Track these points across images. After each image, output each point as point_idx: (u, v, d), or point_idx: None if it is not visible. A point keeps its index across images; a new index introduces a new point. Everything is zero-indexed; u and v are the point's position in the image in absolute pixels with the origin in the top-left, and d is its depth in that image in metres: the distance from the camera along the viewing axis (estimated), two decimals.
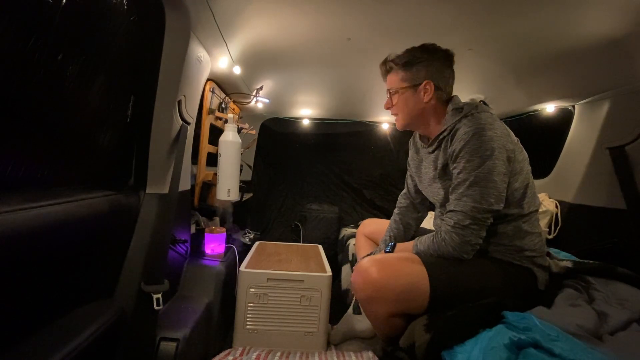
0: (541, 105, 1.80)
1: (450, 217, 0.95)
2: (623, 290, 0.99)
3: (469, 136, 0.91)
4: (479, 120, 0.93)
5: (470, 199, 0.91)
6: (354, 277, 1.00)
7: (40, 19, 0.67)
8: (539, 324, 0.75)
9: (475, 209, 0.90)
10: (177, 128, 1.12)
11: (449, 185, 1.00)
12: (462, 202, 0.92)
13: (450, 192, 0.97)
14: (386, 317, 0.98)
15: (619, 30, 1.07)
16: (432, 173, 1.09)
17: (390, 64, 1.08)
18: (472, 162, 0.91)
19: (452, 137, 0.98)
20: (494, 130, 0.91)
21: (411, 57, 1.03)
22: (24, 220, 0.62)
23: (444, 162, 1.01)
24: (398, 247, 1.10)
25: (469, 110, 0.98)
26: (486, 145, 0.90)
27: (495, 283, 0.97)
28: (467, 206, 0.91)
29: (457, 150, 0.94)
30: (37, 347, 0.66)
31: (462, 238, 0.92)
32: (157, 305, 0.94)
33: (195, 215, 1.62)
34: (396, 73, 1.07)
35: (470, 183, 0.91)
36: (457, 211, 0.93)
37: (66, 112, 0.79)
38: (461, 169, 0.93)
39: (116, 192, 0.95)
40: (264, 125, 2.69)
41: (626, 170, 1.28)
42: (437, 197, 1.10)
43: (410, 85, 1.04)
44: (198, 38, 1.08)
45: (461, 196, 0.93)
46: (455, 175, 0.95)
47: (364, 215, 2.81)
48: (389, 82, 1.10)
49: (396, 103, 1.08)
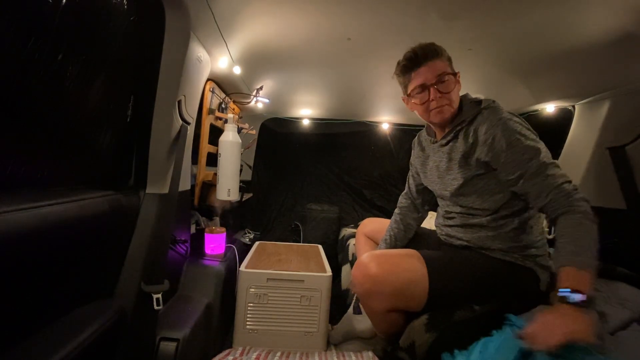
0: (541, 105, 1.81)
1: (559, 193, 0.85)
2: (623, 290, 0.99)
3: (503, 128, 0.91)
4: (501, 112, 0.95)
5: (555, 170, 0.88)
6: (354, 272, 1.00)
7: (40, 19, 0.67)
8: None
9: (564, 175, 0.88)
10: (177, 128, 1.12)
11: (470, 173, 0.99)
12: (554, 179, 0.87)
13: (527, 179, 0.90)
14: (384, 312, 0.98)
15: (619, 30, 1.07)
16: (445, 165, 1.07)
17: (440, 48, 0.99)
18: (527, 147, 0.90)
19: (473, 128, 0.97)
20: (515, 119, 0.94)
21: (442, 49, 1.01)
22: (24, 220, 0.62)
23: (465, 150, 0.99)
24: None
25: (487, 103, 0.99)
26: (521, 130, 0.92)
27: (496, 283, 0.97)
28: (562, 175, 0.88)
29: (497, 142, 0.92)
30: (37, 347, 0.66)
31: (586, 199, 0.84)
32: (157, 305, 0.93)
33: (195, 215, 1.62)
34: (445, 59, 0.99)
35: (542, 162, 0.88)
36: (560, 184, 0.86)
37: (66, 112, 0.79)
38: (522, 156, 0.89)
39: (116, 192, 0.95)
40: (264, 125, 2.69)
41: (626, 170, 1.28)
42: (450, 187, 1.06)
43: (454, 74, 1.00)
44: (198, 38, 1.08)
45: (546, 177, 0.87)
46: (522, 163, 0.90)
47: (364, 215, 2.81)
48: (439, 67, 0.98)
49: (451, 90, 0.98)
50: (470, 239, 1.04)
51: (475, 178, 0.99)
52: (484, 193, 1.00)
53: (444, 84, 0.97)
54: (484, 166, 0.97)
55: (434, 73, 0.97)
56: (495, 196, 0.98)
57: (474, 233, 1.04)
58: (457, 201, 1.06)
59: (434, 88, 0.98)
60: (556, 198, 0.85)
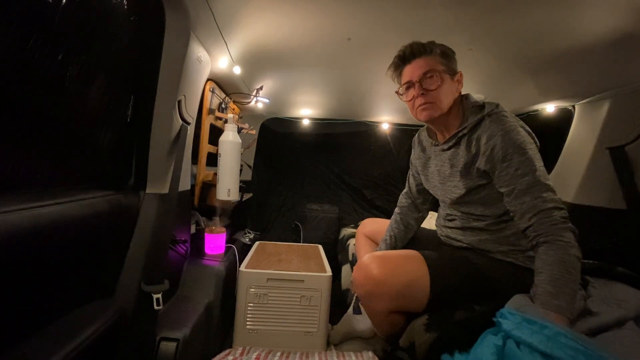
0: (541, 105, 1.80)
1: (545, 218, 0.82)
2: (622, 291, 0.99)
3: (503, 139, 0.89)
4: (503, 121, 0.92)
5: (547, 194, 0.85)
6: (355, 273, 1.00)
7: (40, 19, 0.67)
8: (523, 320, 0.71)
9: (556, 200, 0.85)
10: (177, 128, 1.11)
11: (472, 183, 0.98)
12: (543, 201, 0.84)
13: (516, 197, 0.88)
14: (385, 313, 0.98)
15: (619, 30, 1.07)
16: (447, 170, 1.06)
17: (430, 45, 0.99)
18: (523, 162, 0.87)
19: (476, 136, 0.96)
20: (517, 130, 0.91)
21: (444, 47, 1.00)
22: (24, 220, 0.62)
23: (467, 160, 0.98)
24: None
25: (490, 108, 0.97)
26: (522, 144, 0.88)
27: (497, 283, 0.97)
28: (553, 200, 0.84)
29: (496, 153, 0.90)
30: (37, 347, 0.66)
31: (573, 231, 0.81)
32: (157, 305, 0.93)
33: (195, 215, 1.62)
34: (435, 56, 0.99)
35: (535, 181, 0.86)
36: (549, 209, 0.83)
37: (66, 112, 0.79)
38: (515, 171, 0.88)
39: (116, 192, 0.95)
40: (264, 125, 2.69)
41: (626, 170, 1.28)
42: (451, 195, 1.05)
43: (448, 70, 0.99)
44: (198, 38, 1.08)
45: (536, 198, 0.85)
46: (514, 179, 0.88)
47: (364, 215, 2.81)
48: (426, 64, 0.97)
49: (436, 88, 0.97)
50: (470, 241, 1.04)
51: (478, 187, 0.99)
52: (486, 202, 0.99)
53: (428, 81, 0.97)
54: (485, 176, 0.96)
55: (420, 70, 0.97)
56: (497, 204, 0.98)
57: (474, 236, 1.04)
58: (458, 207, 1.06)
59: (418, 85, 0.98)
60: (541, 222, 0.82)
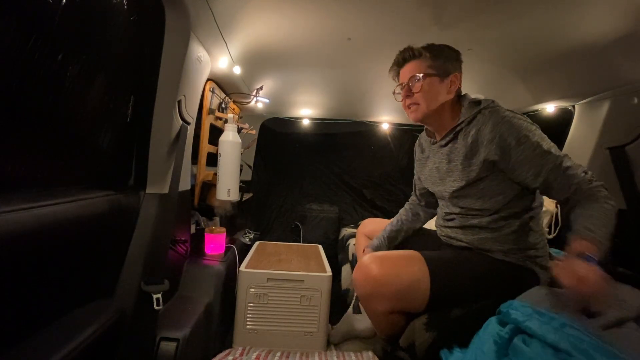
0: (541, 105, 1.80)
1: (580, 182, 0.88)
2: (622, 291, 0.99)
3: (511, 125, 0.91)
4: (502, 111, 0.95)
5: (571, 162, 0.91)
6: (355, 274, 1.00)
7: (40, 19, 0.67)
8: (532, 311, 0.72)
9: (579, 165, 0.91)
10: (177, 128, 1.12)
11: (471, 176, 0.99)
12: (573, 170, 0.89)
13: (548, 175, 0.91)
14: (386, 314, 0.98)
15: (619, 30, 1.07)
16: (445, 166, 1.07)
17: (419, 50, 1.02)
18: (538, 141, 0.90)
19: (474, 128, 0.97)
20: (519, 116, 0.94)
21: (439, 49, 1.02)
22: (24, 220, 0.62)
23: (466, 151, 0.99)
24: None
25: (487, 103, 0.99)
26: (527, 126, 0.92)
27: (497, 283, 0.97)
28: (578, 165, 0.91)
29: (507, 139, 0.91)
30: (37, 347, 0.66)
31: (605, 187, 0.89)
32: (157, 305, 0.93)
33: (195, 215, 1.62)
34: (424, 60, 1.02)
35: (557, 155, 0.90)
36: (579, 174, 0.89)
37: (66, 112, 0.79)
38: (534, 151, 0.90)
39: (116, 192, 0.95)
40: (264, 125, 2.69)
41: (626, 170, 1.28)
42: (450, 188, 1.06)
43: (437, 74, 1.01)
44: (198, 38, 1.08)
45: (566, 169, 0.90)
46: (536, 158, 0.90)
47: (364, 215, 2.81)
48: (413, 69, 1.02)
49: (419, 90, 1.01)
50: (470, 240, 1.04)
51: (477, 181, 0.99)
52: (484, 194, 1.00)
53: (413, 84, 1.03)
54: (488, 167, 0.96)
55: (409, 74, 1.04)
56: (496, 197, 0.98)
57: (473, 235, 1.04)
58: (457, 202, 1.06)
59: (406, 87, 1.04)
60: (579, 188, 0.88)
